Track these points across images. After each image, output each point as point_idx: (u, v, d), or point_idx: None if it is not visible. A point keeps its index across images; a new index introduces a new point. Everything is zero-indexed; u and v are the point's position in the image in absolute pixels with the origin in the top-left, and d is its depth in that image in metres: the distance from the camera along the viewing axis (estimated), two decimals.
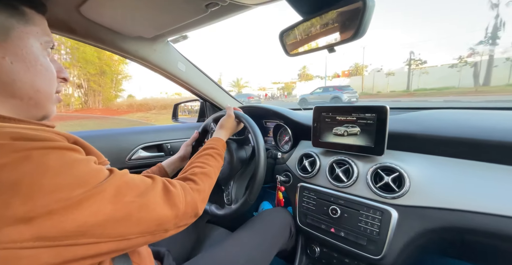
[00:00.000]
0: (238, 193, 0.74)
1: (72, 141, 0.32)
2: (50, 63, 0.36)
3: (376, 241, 0.59)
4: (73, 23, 0.64)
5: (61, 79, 0.39)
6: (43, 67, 0.34)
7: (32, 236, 0.22)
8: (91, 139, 0.88)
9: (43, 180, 0.23)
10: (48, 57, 0.36)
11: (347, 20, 0.46)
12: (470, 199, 0.49)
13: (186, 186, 0.42)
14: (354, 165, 0.66)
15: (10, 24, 0.31)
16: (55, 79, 0.37)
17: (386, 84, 23.79)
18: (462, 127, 0.57)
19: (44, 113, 0.36)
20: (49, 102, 0.36)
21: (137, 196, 0.31)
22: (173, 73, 0.96)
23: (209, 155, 0.56)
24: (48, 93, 0.35)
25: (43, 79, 0.34)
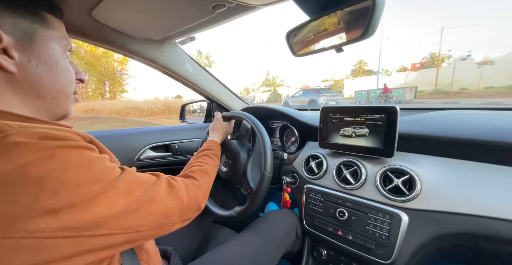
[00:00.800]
0: (255, 177, 0.73)
1: (88, 140, 0.34)
2: (69, 65, 0.38)
3: (385, 246, 0.57)
4: (85, 26, 0.66)
5: (78, 80, 0.42)
6: (64, 68, 0.36)
7: (57, 226, 0.24)
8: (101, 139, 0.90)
9: (66, 175, 0.25)
10: (66, 59, 0.38)
11: (356, 19, 0.45)
12: (486, 204, 0.47)
13: (187, 181, 0.45)
14: (362, 167, 0.65)
15: (34, 30, 0.33)
16: (74, 79, 0.39)
17: (478, 78, 16.66)
18: (476, 128, 0.54)
19: (64, 112, 0.39)
20: (68, 102, 0.38)
21: (145, 191, 0.33)
22: (181, 74, 0.97)
23: (205, 156, 0.61)
24: (68, 93, 0.38)
25: (64, 80, 0.37)
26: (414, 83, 17.43)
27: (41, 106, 0.35)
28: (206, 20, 0.62)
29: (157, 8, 0.57)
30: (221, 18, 0.62)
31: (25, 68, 0.32)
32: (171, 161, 1.03)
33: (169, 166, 1.04)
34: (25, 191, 0.23)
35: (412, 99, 13.80)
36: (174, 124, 1.29)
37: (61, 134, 0.28)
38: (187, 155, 1.06)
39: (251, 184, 0.69)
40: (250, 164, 0.74)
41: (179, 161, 1.05)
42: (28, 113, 0.33)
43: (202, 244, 0.75)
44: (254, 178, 0.72)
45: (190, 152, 1.08)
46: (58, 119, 0.39)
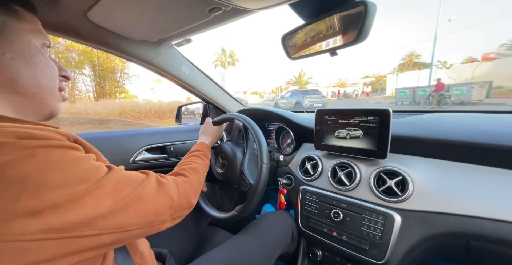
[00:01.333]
0: (253, 174, 0.73)
1: (73, 139, 0.33)
2: (49, 59, 0.37)
3: (379, 246, 0.58)
4: (80, 28, 0.66)
5: (63, 77, 0.40)
6: (43, 62, 0.35)
7: (40, 229, 0.23)
8: (95, 141, 0.89)
9: (48, 176, 0.25)
10: (46, 54, 0.37)
11: (349, 24, 0.47)
12: (475, 204, 0.48)
13: (177, 179, 0.45)
14: (357, 169, 0.66)
15: (3, 21, 0.32)
16: (57, 75, 0.38)
17: None
18: (466, 131, 0.56)
19: (50, 110, 0.37)
20: (53, 98, 0.37)
21: (134, 189, 0.33)
22: (177, 75, 0.97)
23: (195, 156, 0.62)
24: (51, 88, 0.36)
25: (44, 75, 0.35)
26: (486, 77, 12.37)
27: (25, 104, 0.34)
28: (202, 23, 0.62)
29: (153, 10, 0.57)
30: (217, 21, 0.62)
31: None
32: (167, 163, 1.03)
33: (165, 168, 1.03)
34: (3, 193, 0.22)
35: (483, 99, 9.88)
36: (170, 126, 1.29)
37: (42, 133, 0.28)
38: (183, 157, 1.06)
39: (250, 179, 0.69)
40: (246, 161, 0.74)
41: (175, 163, 1.04)
42: (12, 112, 0.32)
43: (198, 247, 0.75)
44: (251, 173, 0.72)
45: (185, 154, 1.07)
46: (46, 118, 0.38)
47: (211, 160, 0.82)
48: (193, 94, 1.12)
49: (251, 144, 0.77)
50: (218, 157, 0.79)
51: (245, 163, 0.74)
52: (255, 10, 0.56)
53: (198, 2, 0.51)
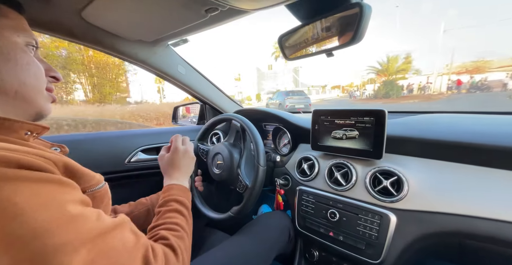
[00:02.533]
0: (249, 173, 0.73)
1: (61, 164, 0.30)
2: (33, 58, 0.35)
3: (374, 245, 0.58)
4: (74, 27, 0.65)
5: (52, 78, 0.39)
6: (25, 60, 0.34)
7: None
8: (89, 141, 0.88)
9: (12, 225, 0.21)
10: (31, 54, 0.35)
11: (345, 25, 0.47)
12: (469, 204, 0.49)
13: (169, 259, 0.35)
14: (353, 169, 0.66)
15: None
16: (43, 75, 0.37)
17: None
18: (460, 131, 0.57)
19: (37, 110, 0.36)
20: (39, 97, 0.36)
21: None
22: (173, 76, 0.96)
23: (175, 211, 0.46)
24: (36, 87, 0.35)
25: (27, 73, 0.34)
26: None
27: (8, 103, 0.32)
28: (198, 23, 0.62)
29: (148, 10, 0.56)
30: (214, 21, 0.62)
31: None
32: None
33: None
34: None
35: None
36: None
37: (14, 156, 0.24)
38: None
39: (246, 181, 0.69)
40: (243, 162, 0.74)
41: None
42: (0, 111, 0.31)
43: (195, 248, 0.74)
44: (248, 175, 0.72)
45: None
46: (34, 119, 0.37)
47: (208, 161, 0.81)
48: (190, 95, 1.11)
49: (248, 145, 0.77)
50: (215, 157, 0.79)
51: (242, 164, 0.74)
52: (251, 11, 0.56)
53: (194, 2, 0.51)
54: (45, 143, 0.41)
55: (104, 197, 0.37)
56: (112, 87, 12.64)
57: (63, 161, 0.31)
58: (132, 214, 0.62)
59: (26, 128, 0.34)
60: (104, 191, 0.37)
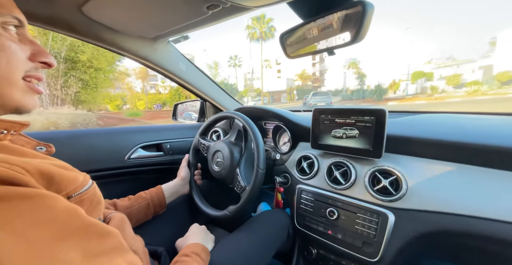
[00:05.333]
0: (248, 174, 0.73)
1: (35, 171, 0.26)
2: (8, 41, 0.30)
3: (372, 244, 0.59)
4: (75, 22, 0.65)
5: (41, 63, 0.34)
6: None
7: None
8: (88, 137, 0.88)
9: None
10: (8, 36, 0.30)
11: (347, 23, 0.47)
12: (466, 204, 0.49)
13: None
14: (352, 168, 0.66)
15: None
16: (21, 62, 0.31)
17: None
18: (460, 131, 0.57)
19: (13, 104, 0.31)
20: (11, 90, 0.30)
21: None
22: (174, 72, 0.96)
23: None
24: (6, 79, 0.30)
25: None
26: None
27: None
28: (200, 20, 0.61)
29: (149, 6, 0.56)
30: (215, 18, 0.62)
31: None
32: (163, 160, 1.02)
33: (161, 165, 1.02)
34: None
35: None
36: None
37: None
38: (179, 155, 1.05)
39: (244, 182, 0.70)
40: (243, 162, 0.75)
41: (171, 161, 1.04)
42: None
43: None
44: (247, 176, 0.72)
45: (182, 152, 1.07)
46: (11, 113, 0.32)
47: (208, 157, 0.81)
48: (190, 92, 1.11)
49: (249, 145, 0.77)
50: (215, 154, 0.79)
51: (241, 164, 0.74)
52: (253, 8, 0.56)
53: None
54: (30, 141, 0.37)
55: (93, 198, 0.34)
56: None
57: (37, 167, 0.26)
58: (132, 208, 0.62)
59: (2, 126, 0.30)
60: (92, 192, 0.34)
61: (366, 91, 27.67)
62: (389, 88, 34.59)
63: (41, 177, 0.26)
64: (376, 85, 25.59)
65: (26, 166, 0.25)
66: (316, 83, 46.51)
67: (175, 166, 0.86)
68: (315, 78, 46.34)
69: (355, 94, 28.58)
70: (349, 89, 39.95)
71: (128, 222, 0.51)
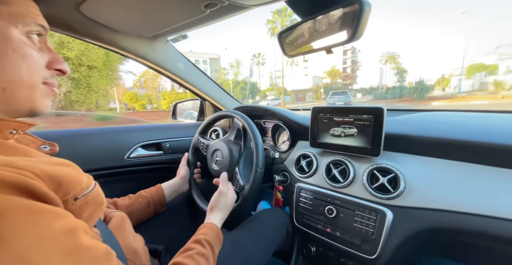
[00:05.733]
0: (247, 174, 0.73)
1: (44, 175, 0.26)
2: (30, 49, 0.32)
3: (371, 241, 0.59)
4: (73, 22, 0.64)
5: (57, 71, 0.36)
6: (18, 53, 0.30)
7: None
8: (88, 137, 0.88)
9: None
10: (32, 45, 0.32)
11: (344, 22, 0.47)
12: (464, 201, 0.50)
13: None
14: (351, 166, 0.67)
15: None
16: (40, 68, 0.33)
17: None
18: (457, 129, 0.57)
19: (30, 107, 0.33)
20: (33, 94, 0.32)
21: None
22: (173, 71, 0.96)
23: (204, 256, 0.44)
24: (29, 83, 0.31)
25: (17, 68, 0.30)
26: None
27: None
28: (198, 19, 0.61)
29: (148, 4, 0.56)
30: (214, 17, 0.62)
31: None
32: (162, 159, 1.02)
33: (160, 165, 1.03)
34: None
35: None
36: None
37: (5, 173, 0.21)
38: (179, 154, 1.05)
39: (243, 181, 0.70)
40: (242, 161, 0.75)
41: (171, 160, 1.04)
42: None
43: None
44: (246, 175, 0.73)
45: (182, 151, 1.07)
46: (27, 115, 0.34)
47: (207, 155, 0.82)
48: (189, 91, 1.11)
49: (249, 145, 0.77)
50: (214, 153, 0.79)
51: (240, 163, 0.74)
52: (251, 6, 0.56)
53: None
54: (35, 140, 0.37)
55: (97, 199, 0.35)
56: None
57: (46, 171, 0.26)
58: (132, 206, 0.62)
59: (11, 126, 0.31)
60: (96, 193, 0.35)
61: (404, 89, 23.69)
62: (437, 84, 30.12)
63: (50, 181, 0.27)
64: (417, 81, 21.19)
65: (35, 170, 0.25)
66: (347, 81, 43.44)
67: (175, 165, 0.86)
68: (345, 75, 43.27)
69: (390, 92, 24.55)
70: (386, 86, 36.17)
71: (129, 221, 0.52)
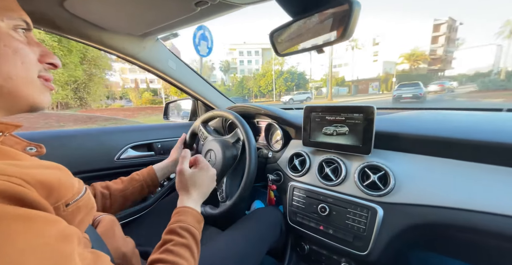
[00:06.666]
0: (232, 189, 0.74)
1: (35, 181, 0.25)
2: (21, 44, 0.31)
3: (362, 238, 0.60)
4: (57, 18, 0.62)
5: (48, 64, 0.35)
6: (10, 48, 0.29)
7: None
8: (77, 138, 0.86)
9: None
10: (17, 37, 0.31)
11: (335, 21, 0.47)
12: (452, 197, 0.51)
13: None
14: (343, 164, 0.68)
15: None
16: (33, 63, 0.33)
17: None
18: (446, 127, 0.59)
19: (29, 102, 0.32)
20: (30, 89, 0.32)
21: None
22: (164, 71, 0.94)
23: (188, 248, 0.40)
24: (25, 78, 0.31)
25: (12, 63, 0.30)
26: None
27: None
28: (188, 17, 0.60)
29: (136, 1, 0.55)
30: (204, 15, 0.61)
31: None
32: (154, 160, 1.00)
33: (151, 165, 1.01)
34: None
35: None
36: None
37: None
38: None
39: (224, 194, 0.71)
40: (231, 171, 0.75)
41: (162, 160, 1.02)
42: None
43: None
44: (230, 188, 0.73)
45: None
46: (25, 111, 0.33)
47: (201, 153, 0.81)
48: (181, 91, 1.09)
49: (243, 158, 0.75)
50: (208, 153, 0.79)
51: (229, 172, 0.74)
52: (242, 5, 0.55)
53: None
54: (20, 142, 0.36)
55: (88, 204, 0.34)
56: None
57: (36, 177, 0.25)
58: (127, 191, 0.61)
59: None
60: (87, 198, 0.34)
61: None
62: None
63: (42, 187, 0.26)
64: None
65: (25, 177, 0.24)
66: (435, 65, 30.88)
67: None
68: (434, 57, 31.02)
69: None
70: (504, 70, 23.60)
71: (118, 225, 0.51)
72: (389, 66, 31.81)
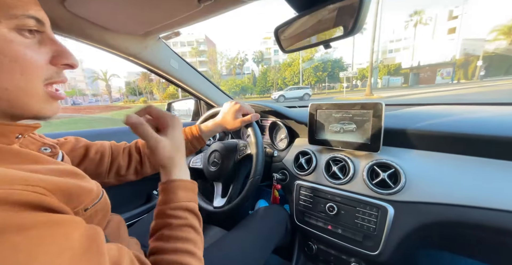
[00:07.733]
0: (238, 189, 0.73)
1: (55, 188, 0.24)
2: (22, 48, 0.27)
3: (372, 238, 0.59)
4: (57, 18, 0.61)
5: (65, 65, 0.31)
6: (6, 57, 0.26)
7: None
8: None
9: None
10: (26, 40, 0.28)
11: (342, 15, 0.46)
12: (464, 194, 0.50)
13: None
14: (350, 162, 0.66)
15: None
16: (38, 69, 0.29)
17: None
18: (456, 122, 0.57)
19: (32, 114, 0.30)
20: (32, 101, 0.29)
21: None
22: (166, 70, 0.93)
23: (192, 228, 0.38)
24: (25, 90, 0.28)
25: (8, 74, 0.26)
26: None
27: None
28: (191, 14, 0.59)
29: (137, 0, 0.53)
30: (208, 12, 0.59)
31: None
32: None
33: None
34: None
35: None
36: None
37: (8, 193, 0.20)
38: None
39: (229, 194, 0.72)
40: (237, 172, 0.75)
41: None
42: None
43: None
44: (235, 188, 0.74)
45: None
46: (31, 119, 0.31)
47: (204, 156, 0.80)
48: (184, 90, 1.08)
49: (248, 160, 0.75)
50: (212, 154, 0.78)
51: (237, 181, 0.75)
52: (246, 1, 0.54)
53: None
54: (35, 142, 0.36)
55: (104, 207, 0.34)
56: None
57: (57, 185, 0.25)
58: None
59: (17, 131, 0.29)
60: (104, 201, 0.33)
61: None
62: None
63: (62, 195, 0.25)
64: None
65: (47, 186, 0.24)
66: None
67: None
68: None
69: None
70: None
71: (124, 225, 0.50)
72: (473, 46, 22.55)
